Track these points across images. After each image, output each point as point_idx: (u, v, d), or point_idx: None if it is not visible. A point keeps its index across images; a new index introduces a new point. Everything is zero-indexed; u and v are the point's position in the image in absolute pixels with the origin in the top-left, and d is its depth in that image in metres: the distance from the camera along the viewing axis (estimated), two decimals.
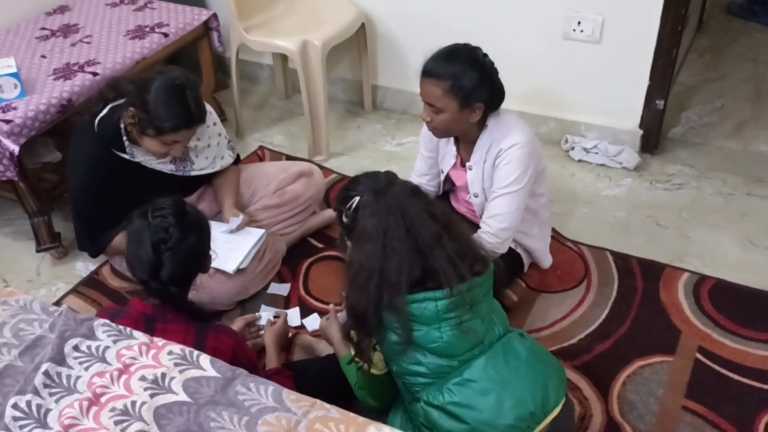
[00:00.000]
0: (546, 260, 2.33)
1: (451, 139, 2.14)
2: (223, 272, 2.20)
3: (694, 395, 1.95)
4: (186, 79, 2.05)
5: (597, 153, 2.89)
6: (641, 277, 2.32)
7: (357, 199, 1.59)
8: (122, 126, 2.12)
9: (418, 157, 2.28)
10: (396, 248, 1.49)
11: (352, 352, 1.64)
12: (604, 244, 2.48)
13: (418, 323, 1.51)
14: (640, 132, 2.87)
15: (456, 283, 1.49)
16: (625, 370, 2.03)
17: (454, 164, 2.17)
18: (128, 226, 1.68)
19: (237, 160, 2.51)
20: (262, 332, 2.06)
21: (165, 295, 1.65)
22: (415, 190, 1.60)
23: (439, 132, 2.04)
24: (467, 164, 2.09)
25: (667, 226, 2.57)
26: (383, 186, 1.58)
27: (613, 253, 2.43)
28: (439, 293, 1.49)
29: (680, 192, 2.73)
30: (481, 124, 2.02)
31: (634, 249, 2.45)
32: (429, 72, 1.94)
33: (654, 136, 2.87)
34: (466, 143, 2.10)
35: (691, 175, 2.80)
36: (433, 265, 1.50)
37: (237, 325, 2.02)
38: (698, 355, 2.06)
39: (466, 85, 1.90)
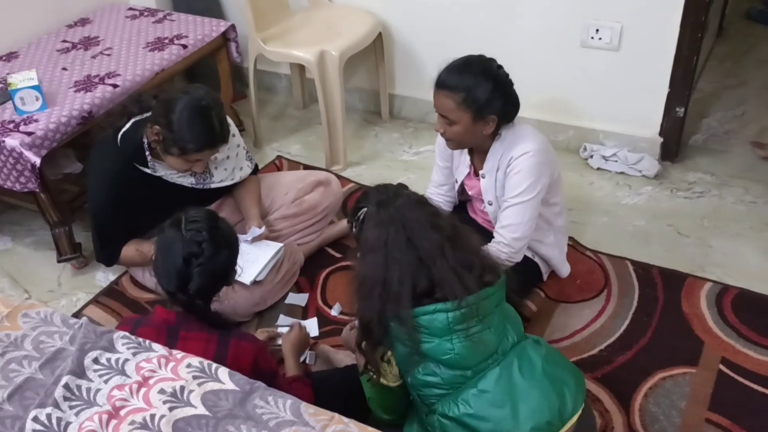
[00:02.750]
0: (564, 269, 2.31)
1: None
2: (240, 283, 2.20)
3: (717, 408, 1.92)
4: (211, 100, 2.06)
5: (616, 161, 2.86)
6: (662, 287, 2.30)
7: (364, 210, 1.60)
8: (145, 141, 2.14)
9: (434, 168, 2.28)
10: (397, 259, 1.48)
11: (362, 363, 1.64)
12: (623, 253, 2.45)
13: (429, 335, 1.50)
14: (660, 140, 2.84)
15: (462, 294, 1.47)
16: (647, 382, 2.00)
17: (468, 173, 2.16)
18: (159, 234, 1.68)
19: (255, 170, 2.52)
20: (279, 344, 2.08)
21: (190, 306, 1.66)
22: (420, 201, 1.60)
23: (453, 143, 2.03)
24: (480, 173, 2.08)
25: (688, 235, 2.54)
26: (388, 198, 1.58)
27: (633, 262, 2.41)
28: (450, 304, 1.48)
29: (701, 200, 2.69)
30: (494, 135, 2.01)
31: (655, 258, 2.42)
32: (442, 84, 1.93)
33: (674, 143, 2.85)
34: (479, 152, 2.10)
35: (713, 183, 2.76)
36: (436, 275, 1.49)
37: (259, 337, 2.03)
38: (721, 367, 2.03)
39: (479, 97, 1.89)
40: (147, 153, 2.16)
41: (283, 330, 2.13)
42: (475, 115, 1.91)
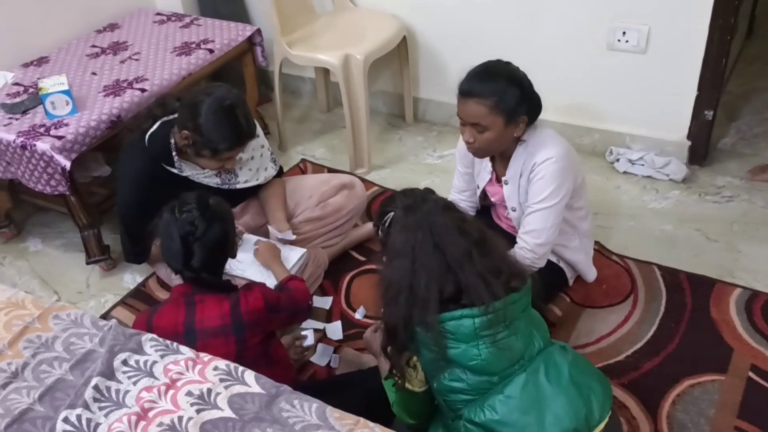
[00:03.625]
0: (590, 273, 2.29)
1: None
2: None
3: (746, 415, 1.89)
4: (234, 98, 2.10)
5: (643, 165, 2.83)
6: (690, 293, 2.27)
7: (391, 215, 1.60)
8: (172, 141, 2.17)
9: (455, 174, 2.28)
10: (424, 264, 1.48)
11: (385, 368, 1.65)
12: (650, 258, 2.42)
13: (455, 340, 1.49)
14: (688, 143, 2.81)
15: (489, 300, 1.47)
16: (675, 389, 1.98)
17: (490, 180, 2.15)
18: (158, 221, 1.80)
19: (280, 173, 2.54)
20: (306, 353, 2.10)
21: (199, 281, 1.77)
22: (447, 206, 1.59)
23: (482, 152, 2.01)
24: (503, 179, 2.07)
25: (717, 239, 2.50)
26: (415, 202, 1.58)
27: (660, 267, 2.38)
28: (476, 310, 1.47)
29: (730, 204, 2.65)
30: (518, 139, 2.00)
31: (683, 263, 2.39)
32: (470, 92, 1.91)
33: (702, 147, 2.81)
34: (501, 158, 2.08)
35: (742, 187, 2.72)
36: (463, 281, 1.49)
37: (284, 342, 2.05)
38: (751, 374, 1.99)
39: (510, 100, 1.88)
40: (174, 153, 2.19)
41: (307, 333, 2.14)
42: (507, 119, 1.90)
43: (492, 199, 2.21)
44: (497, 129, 1.91)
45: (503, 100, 1.88)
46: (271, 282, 2.25)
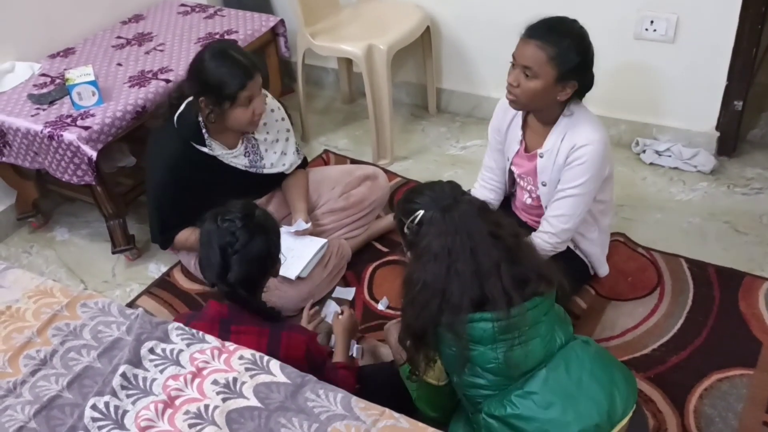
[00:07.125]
0: (602, 268, 2.24)
1: (519, 122, 2.05)
2: (286, 279, 2.22)
3: None
4: (222, 44, 2.21)
5: (670, 156, 2.79)
6: (719, 287, 2.23)
7: (421, 212, 1.56)
8: (200, 119, 2.19)
9: (486, 154, 2.21)
10: (459, 270, 1.45)
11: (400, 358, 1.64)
12: (678, 251, 2.39)
13: (473, 342, 1.48)
14: (717, 134, 2.76)
15: (507, 311, 1.44)
16: (702, 383, 1.95)
17: (518, 151, 2.08)
18: (201, 228, 1.73)
19: (304, 164, 2.55)
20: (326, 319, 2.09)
21: (234, 296, 1.69)
22: (482, 209, 1.54)
23: (520, 102, 1.91)
24: (539, 152, 2.00)
25: (746, 232, 2.46)
26: (449, 202, 1.53)
27: (688, 260, 2.35)
28: (495, 314, 1.45)
29: (760, 197, 2.61)
30: (562, 107, 1.93)
31: (711, 256, 2.35)
32: (536, 33, 1.84)
33: (731, 138, 2.76)
34: (533, 130, 2.02)
35: None
36: (487, 293, 1.45)
37: (305, 315, 2.04)
38: None
39: (571, 59, 1.82)
40: (204, 131, 2.20)
41: (330, 316, 2.13)
42: (559, 75, 1.83)
43: (517, 171, 2.13)
44: (546, 81, 1.84)
45: (564, 55, 1.82)
46: (312, 249, 2.23)
